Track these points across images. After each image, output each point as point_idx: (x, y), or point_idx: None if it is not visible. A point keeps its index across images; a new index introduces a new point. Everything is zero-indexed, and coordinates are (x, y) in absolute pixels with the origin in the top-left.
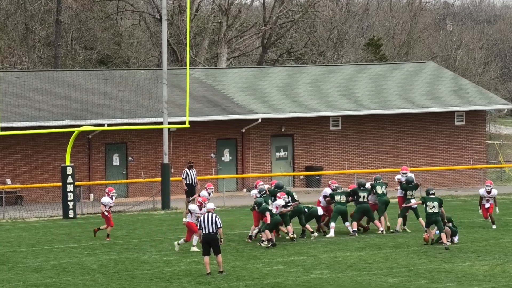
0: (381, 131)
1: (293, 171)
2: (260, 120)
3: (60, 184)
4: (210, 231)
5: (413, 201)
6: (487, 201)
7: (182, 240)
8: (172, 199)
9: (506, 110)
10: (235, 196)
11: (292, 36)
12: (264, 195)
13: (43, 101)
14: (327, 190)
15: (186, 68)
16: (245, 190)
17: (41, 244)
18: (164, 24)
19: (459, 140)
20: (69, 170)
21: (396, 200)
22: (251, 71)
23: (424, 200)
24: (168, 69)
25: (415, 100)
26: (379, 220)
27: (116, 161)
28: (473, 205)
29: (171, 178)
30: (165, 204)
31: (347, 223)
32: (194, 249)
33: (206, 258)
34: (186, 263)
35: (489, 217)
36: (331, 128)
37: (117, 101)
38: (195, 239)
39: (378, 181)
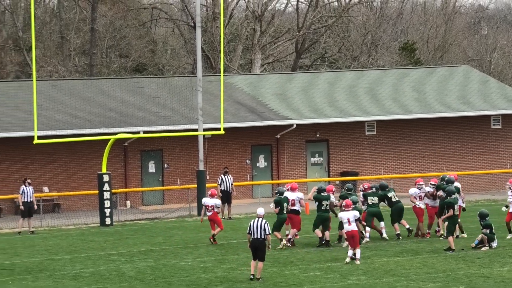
0: (416, 136)
1: (329, 176)
2: (294, 126)
3: (97, 191)
4: (259, 236)
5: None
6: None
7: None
8: None
9: None
10: (270, 202)
11: (326, 41)
12: (282, 197)
13: (79, 109)
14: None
15: (220, 75)
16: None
17: (79, 251)
18: (198, 31)
19: (496, 144)
20: (106, 178)
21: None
22: (285, 77)
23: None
24: (202, 76)
25: (451, 104)
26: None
27: (152, 168)
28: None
29: (207, 185)
30: (201, 211)
31: (382, 223)
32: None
33: (254, 262)
34: (223, 269)
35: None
36: (366, 133)
37: (152, 109)
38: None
39: (386, 189)
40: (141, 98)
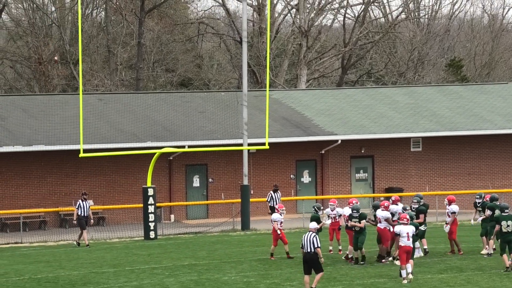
0: (462, 152)
1: (373, 192)
2: (339, 142)
3: (142, 205)
4: (309, 250)
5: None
6: None
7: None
8: (251, 220)
9: None
10: None
11: (372, 57)
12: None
13: (125, 123)
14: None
15: (266, 90)
16: (324, 211)
17: (123, 265)
18: (245, 46)
19: None
20: (151, 191)
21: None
22: (331, 93)
23: (497, 219)
24: (248, 90)
25: (497, 121)
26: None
27: (196, 182)
28: None
29: (251, 199)
30: (245, 225)
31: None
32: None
33: (306, 278)
34: (266, 284)
35: None
36: (412, 149)
37: (197, 123)
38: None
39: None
40: (187, 112)
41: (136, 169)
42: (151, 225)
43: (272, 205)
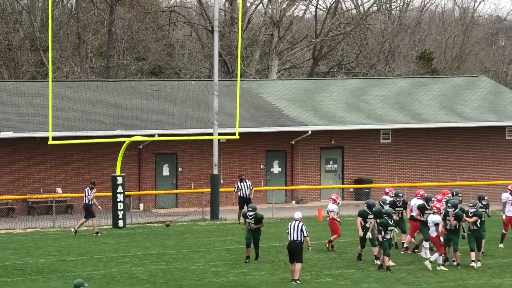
0: (431, 145)
1: (342, 183)
2: (310, 132)
3: (111, 193)
4: (295, 238)
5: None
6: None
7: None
8: (221, 210)
9: None
10: (284, 208)
11: (343, 48)
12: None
13: (95, 111)
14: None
15: (237, 80)
16: (294, 202)
17: (91, 253)
18: (216, 35)
19: (510, 155)
20: (120, 180)
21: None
22: (302, 83)
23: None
24: (219, 80)
25: (466, 114)
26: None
27: (166, 171)
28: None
29: (221, 189)
30: (214, 215)
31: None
32: (442, 268)
33: (292, 266)
34: (234, 274)
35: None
36: (381, 141)
37: (168, 112)
38: (438, 257)
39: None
40: (157, 101)
41: (105, 157)
42: (120, 213)
43: (241, 195)
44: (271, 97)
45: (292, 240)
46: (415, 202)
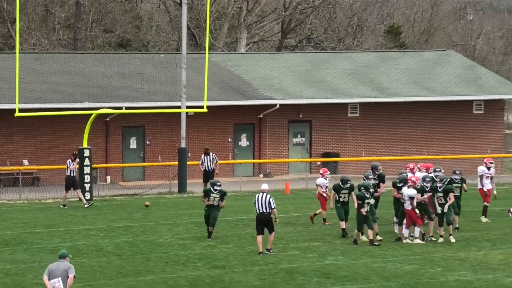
0: (399, 119)
1: (310, 157)
2: (278, 106)
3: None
4: (264, 211)
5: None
6: (487, 177)
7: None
8: (188, 183)
9: None
10: (251, 181)
11: (312, 22)
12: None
13: (62, 83)
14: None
15: (205, 53)
16: (261, 175)
17: (57, 225)
18: (184, 8)
19: (477, 129)
20: (87, 153)
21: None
22: (270, 57)
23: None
24: (187, 53)
25: (434, 88)
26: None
27: (133, 144)
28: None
29: (188, 162)
30: (182, 188)
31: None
32: (418, 241)
33: (259, 238)
34: (201, 246)
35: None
36: (349, 115)
37: (135, 85)
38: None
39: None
40: (125, 73)
41: (72, 129)
42: (87, 186)
43: (205, 168)
44: (240, 70)
45: (260, 212)
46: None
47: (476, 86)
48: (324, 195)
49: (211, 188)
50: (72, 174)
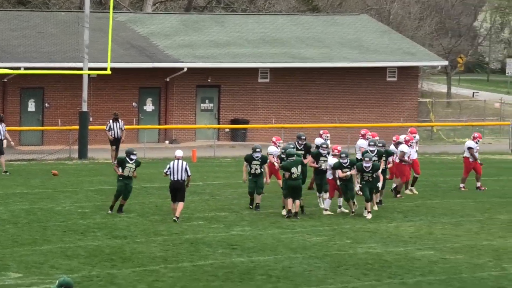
0: (311, 85)
1: (218, 123)
2: (185, 69)
3: None
4: (179, 178)
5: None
6: (412, 147)
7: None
8: (89, 149)
9: (439, 67)
10: (156, 148)
11: None
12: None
13: None
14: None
15: (109, 12)
16: (167, 142)
17: None
18: None
19: (390, 97)
20: None
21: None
22: (178, 18)
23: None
24: (90, 12)
25: (347, 54)
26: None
27: (31, 106)
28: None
29: (90, 127)
30: (82, 154)
31: None
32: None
33: (174, 205)
34: (102, 215)
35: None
36: (259, 80)
37: (35, 44)
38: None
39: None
40: (24, 32)
41: None
42: None
43: (112, 135)
44: (146, 31)
45: (175, 180)
46: (402, 148)
47: (390, 52)
48: (276, 164)
49: (127, 158)
50: (1, 138)
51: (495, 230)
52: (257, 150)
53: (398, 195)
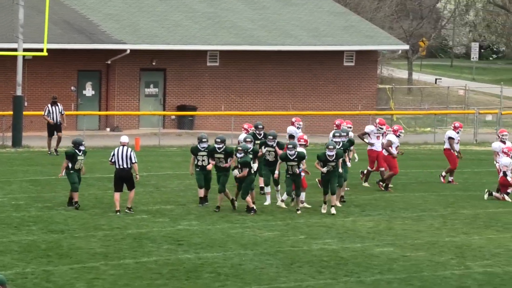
0: (263, 70)
1: (164, 110)
2: (128, 51)
3: None
4: (125, 166)
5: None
6: (378, 138)
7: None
8: (24, 136)
9: (400, 51)
10: (97, 136)
11: None
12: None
13: None
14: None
15: None
16: (108, 129)
17: None
18: None
19: (348, 83)
20: None
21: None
22: None
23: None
24: None
25: (302, 37)
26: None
27: None
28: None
29: (24, 112)
30: (16, 141)
31: None
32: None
33: (117, 195)
34: (37, 208)
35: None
36: (208, 64)
37: None
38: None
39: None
40: None
41: None
42: None
43: (52, 119)
44: (85, 9)
45: (120, 168)
46: (391, 137)
47: (347, 35)
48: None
49: (76, 150)
50: None
51: (458, 226)
52: (203, 140)
53: (389, 187)
